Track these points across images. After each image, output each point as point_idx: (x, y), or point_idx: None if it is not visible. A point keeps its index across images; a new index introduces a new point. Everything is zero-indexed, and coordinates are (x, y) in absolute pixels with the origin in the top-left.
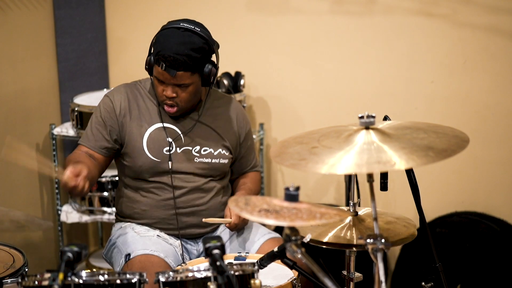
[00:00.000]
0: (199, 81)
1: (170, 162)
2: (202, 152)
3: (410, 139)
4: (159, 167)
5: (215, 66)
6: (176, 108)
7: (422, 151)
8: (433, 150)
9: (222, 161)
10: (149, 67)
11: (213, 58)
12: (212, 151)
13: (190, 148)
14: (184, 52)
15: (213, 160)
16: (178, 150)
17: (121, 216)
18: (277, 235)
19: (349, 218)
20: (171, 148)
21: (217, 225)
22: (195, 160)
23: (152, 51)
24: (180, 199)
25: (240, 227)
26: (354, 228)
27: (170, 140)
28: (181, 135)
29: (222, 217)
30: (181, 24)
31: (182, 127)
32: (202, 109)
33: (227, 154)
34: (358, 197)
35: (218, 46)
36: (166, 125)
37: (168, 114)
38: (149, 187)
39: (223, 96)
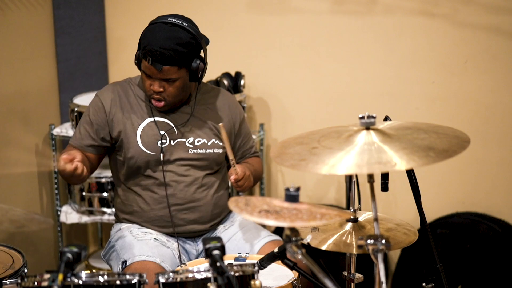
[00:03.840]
0: (187, 76)
1: (162, 154)
2: (196, 143)
3: (410, 139)
4: (154, 161)
5: (203, 61)
6: (164, 102)
7: (423, 151)
8: (433, 151)
9: (217, 151)
10: (138, 62)
11: (202, 54)
12: (206, 142)
13: (184, 139)
14: (170, 46)
15: (208, 151)
16: (172, 143)
17: (121, 216)
18: (278, 237)
19: (349, 225)
20: (164, 141)
21: (216, 222)
22: (190, 152)
23: (140, 46)
24: (177, 196)
25: (243, 186)
26: (354, 235)
27: (163, 132)
28: (174, 128)
29: (219, 213)
30: (168, 19)
31: (175, 120)
32: (194, 100)
33: (221, 144)
34: (359, 198)
35: (207, 42)
36: (157, 119)
37: (157, 109)
38: (145, 184)
39: (213, 88)
